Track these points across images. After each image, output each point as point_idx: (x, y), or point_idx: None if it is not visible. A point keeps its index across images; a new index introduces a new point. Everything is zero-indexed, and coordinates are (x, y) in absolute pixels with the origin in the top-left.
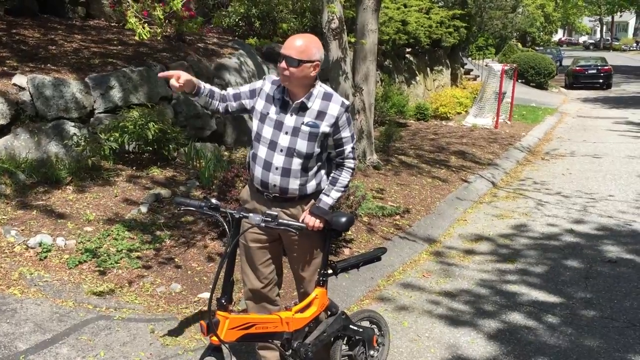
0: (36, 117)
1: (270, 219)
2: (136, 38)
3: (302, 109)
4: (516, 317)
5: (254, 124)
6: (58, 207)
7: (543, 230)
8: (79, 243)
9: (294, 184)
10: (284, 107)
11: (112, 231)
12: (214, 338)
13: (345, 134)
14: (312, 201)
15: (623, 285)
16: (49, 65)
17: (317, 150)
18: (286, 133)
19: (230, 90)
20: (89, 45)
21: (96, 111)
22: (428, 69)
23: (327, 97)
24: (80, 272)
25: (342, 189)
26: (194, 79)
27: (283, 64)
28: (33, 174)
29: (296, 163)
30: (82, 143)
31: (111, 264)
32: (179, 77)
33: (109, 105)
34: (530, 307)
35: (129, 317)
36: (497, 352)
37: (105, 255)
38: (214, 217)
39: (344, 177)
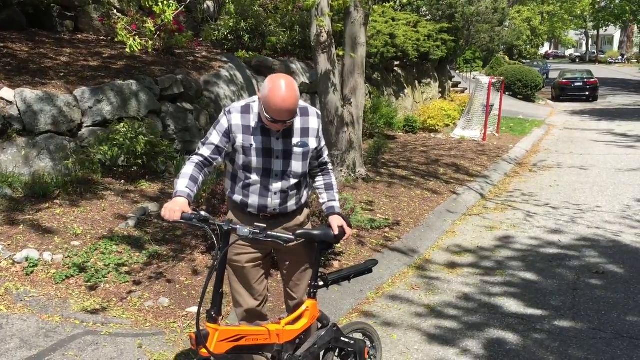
0: (24, 131)
1: (258, 231)
2: (127, 50)
3: (288, 130)
4: (505, 329)
5: (239, 157)
6: (45, 222)
7: (531, 241)
8: (66, 258)
9: (291, 202)
10: (265, 134)
11: (100, 245)
12: (203, 350)
13: (323, 141)
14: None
15: (610, 296)
16: (37, 79)
17: (307, 168)
18: (277, 157)
19: (206, 151)
20: (77, 58)
21: (85, 125)
22: (416, 81)
23: (304, 112)
24: (68, 287)
25: (337, 189)
26: (182, 201)
27: (281, 125)
28: (20, 188)
29: (292, 183)
30: (71, 157)
31: (99, 278)
32: (174, 214)
33: (97, 119)
34: (518, 318)
35: (117, 332)
36: None
37: (93, 269)
38: (203, 229)
39: (334, 178)
